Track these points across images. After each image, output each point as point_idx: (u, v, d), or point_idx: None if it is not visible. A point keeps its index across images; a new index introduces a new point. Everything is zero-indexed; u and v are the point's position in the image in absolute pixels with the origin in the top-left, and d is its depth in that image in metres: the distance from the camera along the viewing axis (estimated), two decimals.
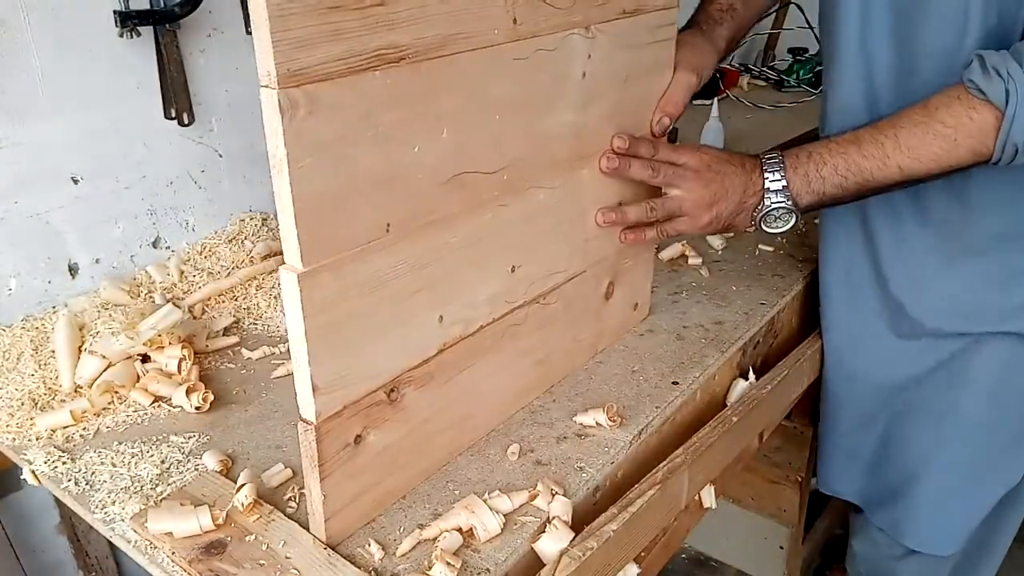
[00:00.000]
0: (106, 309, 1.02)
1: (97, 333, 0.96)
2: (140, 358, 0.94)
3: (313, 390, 0.63)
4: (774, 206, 0.89)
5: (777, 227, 0.91)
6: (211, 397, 0.89)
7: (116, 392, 0.90)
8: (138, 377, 0.92)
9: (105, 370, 0.91)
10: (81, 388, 0.90)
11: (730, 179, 0.90)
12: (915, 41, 0.90)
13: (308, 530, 0.70)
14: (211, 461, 0.80)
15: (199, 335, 1.00)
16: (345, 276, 0.63)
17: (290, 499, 0.75)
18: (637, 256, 0.99)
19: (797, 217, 0.91)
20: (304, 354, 0.61)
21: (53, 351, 0.95)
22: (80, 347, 0.95)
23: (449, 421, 0.78)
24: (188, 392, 0.88)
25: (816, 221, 1.37)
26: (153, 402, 0.90)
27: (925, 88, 0.86)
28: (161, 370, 0.93)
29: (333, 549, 0.68)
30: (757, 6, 1.09)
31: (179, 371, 0.93)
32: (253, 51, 0.54)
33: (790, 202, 0.89)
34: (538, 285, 0.85)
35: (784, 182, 0.89)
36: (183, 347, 0.94)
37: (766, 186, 0.89)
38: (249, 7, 0.53)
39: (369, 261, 0.64)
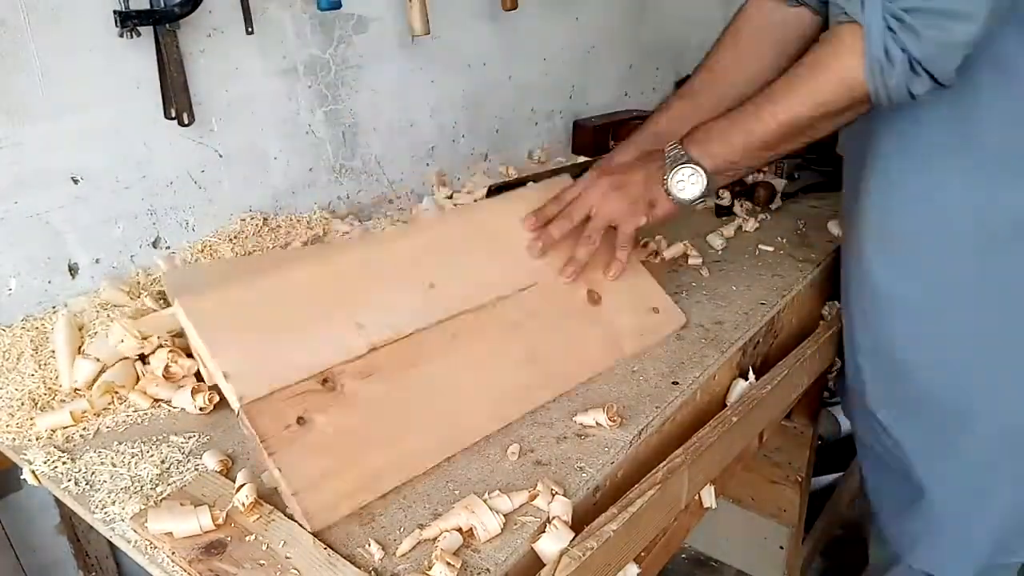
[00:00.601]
0: (105, 309, 1.02)
1: (95, 334, 0.96)
2: (139, 358, 0.94)
3: (225, 377, 0.74)
4: (677, 171, 0.95)
5: (688, 192, 0.95)
6: (216, 398, 0.89)
7: (116, 392, 0.90)
8: (138, 377, 0.92)
9: (100, 372, 0.91)
10: (80, 390, 0.90)
11: (632, 176, 0.98)
12: None
13: (294, 519, 0.71)
14: (211, 461, 0.80)
15: None
16: (232, 298, 0.78)
17: None
18: (605, 265, 1.02)
19: (705, 180, 0.94)
20: (207, 352, 0.74)
21: (53, 351, 0.95)
22: (80, 347, 0.94)
23: (421, 412, 0.82)
24: (193, 393, 0.88)
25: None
26: (153, 403, 0.89)
27: None
28: (160, 372, 0.93)
29: (333, 549, 0.68)
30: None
31: (169, 372, 0.92)
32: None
33: (691, 164, 0.94)
34: (471, 298, 0.91)
35: (680, 147, 0.95)
36: (175, 347, 0.93)
37: (666, 156, 0.96)
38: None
39: (258, 289, 0.81)
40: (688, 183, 0.95)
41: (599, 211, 0.97)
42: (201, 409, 0.88)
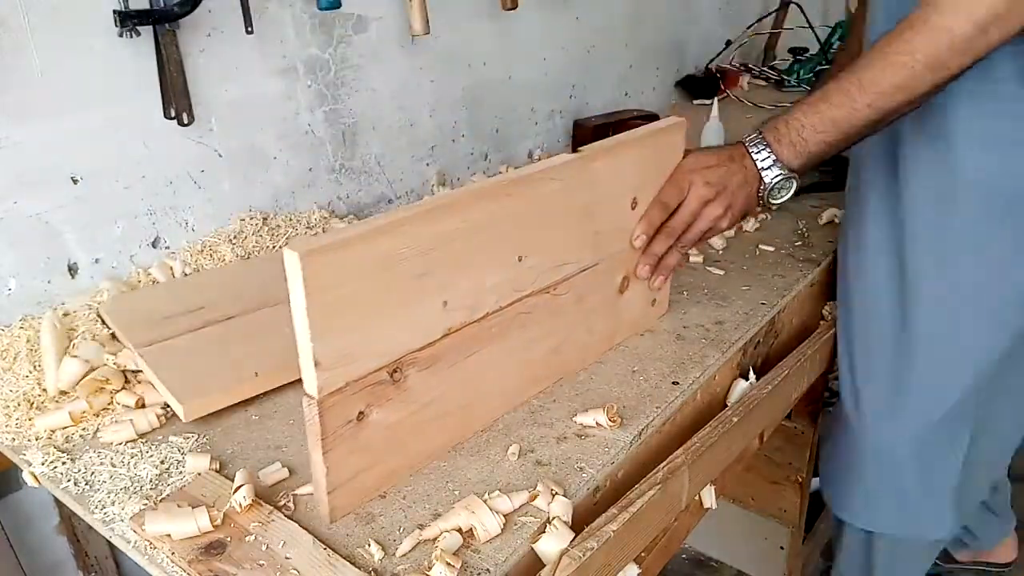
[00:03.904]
0: None
1: (93, 336, 0.96)
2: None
3: (315, 365, 0.65)
4: (773, 181, 0.95)
5: (781, 197, 0.97)
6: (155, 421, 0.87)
7: (102, 389, 0.89)
8: (127, 378, 0.92)
9: (88, 373, 0.90)
10: (66, 392, 0.90)
11: (730, 180, 0.95)
12: None
13: (299, 524, 0.71)
14: (197, 465, 0.79)
15: None
16: (348, 256, 0.64)
17: (286, 502, 0.75)
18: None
19: (796, 182, 0.96)
20: (306, 330, 0.63)
21: None
22: (67, 349, 0.94)
23: (455, 405, 0.79)
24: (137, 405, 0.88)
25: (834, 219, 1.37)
26: (139, 405, 0.89)
27: None
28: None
29: (333, 549, 0.68)
30: None
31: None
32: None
33: (786, 170, 0.94)
34: (547, 275, 0.85)
35: (773, 156, 0.94)
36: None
37: (759, 166, 0.95)
38: None
39: (374, 242, 0.66)
40: (784, 190, 0.96)
41: (699, 222, 0.95)
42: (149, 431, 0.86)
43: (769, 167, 0.94)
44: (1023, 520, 1.71)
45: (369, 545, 0.69)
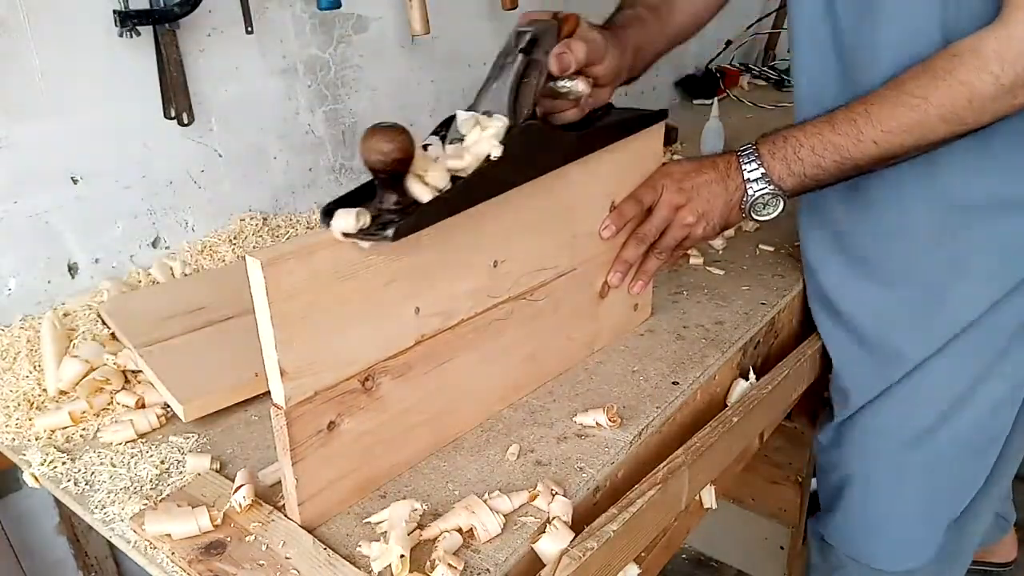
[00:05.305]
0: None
1: (93, 336, 0.96)
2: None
3: (281, 375, 0.64)
4: (758, 194, 0.92)
5: (767, 214, 0.94)
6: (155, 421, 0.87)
7: (102, 389, 0.90)
8: (127, 378, 0.92)
9: (88, 373, 0.91)
10: (66, 392, 0.90)
11: (705, 188, 0.93)
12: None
13: (286, 514, 0.71)
14: (197, 465, 0.79)
15: None
16: (313, 264, 0.64)
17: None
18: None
19: (784, 201, 0.93)
20: (271, 339, 0.63)
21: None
22: (67, 348, 0.94)
23: (430, 412, 0.79)
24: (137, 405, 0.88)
25: None
26: (139, 406, 0.89)
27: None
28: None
29: (333, 549, 0.68)
30: (670, 23, 1.06)
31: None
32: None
33: (772, 187, 0.92)
34: (523, 281, 0.85)
35: (763, 169, 0.92)
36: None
37: (746, 177, 0.92)
38: None
39: (338, 250, 0.65)
40: (771, 207, 0.93)
41: (672, 228, 0.94)
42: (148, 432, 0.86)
43: (756, 180, 0.92)
44: (1023, 519, 1.72)
45: (369, 545, 0.69)
